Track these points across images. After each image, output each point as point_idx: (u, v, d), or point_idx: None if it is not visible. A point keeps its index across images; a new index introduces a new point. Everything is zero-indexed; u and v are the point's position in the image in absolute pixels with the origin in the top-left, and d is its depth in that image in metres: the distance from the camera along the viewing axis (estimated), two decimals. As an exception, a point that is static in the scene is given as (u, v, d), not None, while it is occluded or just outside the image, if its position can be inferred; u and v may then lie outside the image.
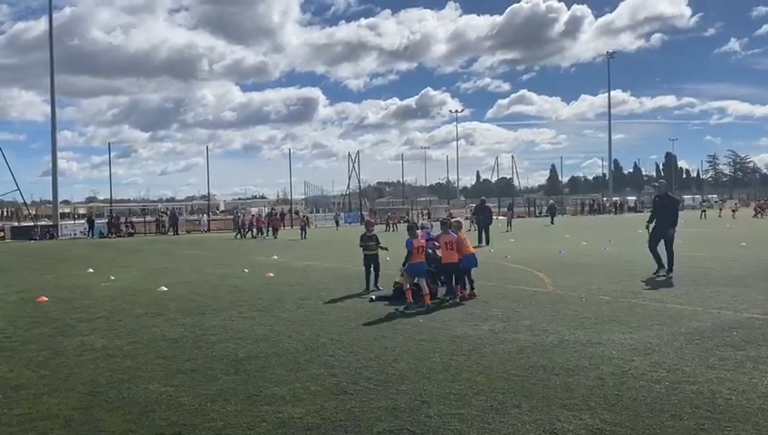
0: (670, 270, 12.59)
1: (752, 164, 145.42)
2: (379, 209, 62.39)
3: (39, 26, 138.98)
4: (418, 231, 11.02)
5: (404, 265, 10.80)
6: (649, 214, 13.94)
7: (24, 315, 10.10)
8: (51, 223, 49.68)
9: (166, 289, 12.58)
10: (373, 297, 10.72)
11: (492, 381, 5.68)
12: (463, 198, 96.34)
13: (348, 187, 74.81)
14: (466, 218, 40.99)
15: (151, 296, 11.86)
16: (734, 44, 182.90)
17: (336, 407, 5.09)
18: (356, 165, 70.39)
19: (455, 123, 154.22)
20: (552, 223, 42.40)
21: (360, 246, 12.14)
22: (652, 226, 13.32)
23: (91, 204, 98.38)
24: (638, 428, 4.47)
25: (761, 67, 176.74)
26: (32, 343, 7.98)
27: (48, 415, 5.12)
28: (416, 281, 10.00)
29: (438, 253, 10.88)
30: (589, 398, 5.13)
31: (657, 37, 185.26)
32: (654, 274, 12.65)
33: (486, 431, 4.50)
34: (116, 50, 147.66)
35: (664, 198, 13.48)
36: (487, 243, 23.30)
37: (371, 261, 11.98)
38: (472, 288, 10.67)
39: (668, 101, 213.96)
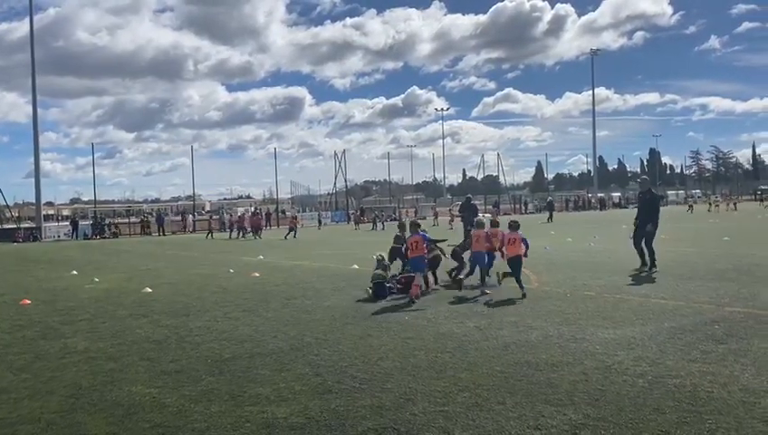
0: (652, 266, 12.68)
1: (734, 159, 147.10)
2: (366, 208, 62.25)
3: (22, 27, 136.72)
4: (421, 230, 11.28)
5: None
6: (636, 210, 14.06)
7: (6, 318, 9.98)
8: (34, 225, 49.15)
9: (150, 290, 12.49)
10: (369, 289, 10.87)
11: (476, 377, 5.70)
12: (449, 196, 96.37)
13: (334, 186, 74.75)
14: (452, 216, 41.09)
15: (136, 298, 11.77)
16: (714, 42, 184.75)
17: (321, 406, 5.08)
18: (342, 164, 70.39)
19: (441, 122, 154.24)
20: (550, 220, 41.52)
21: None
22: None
23: (75, 205, 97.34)
24: (621, 422, 4.50)
25: (741, 64, 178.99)
26: (13, 346, 7.89)
27: (29, 419, 5.06)
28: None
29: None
30: (572, 393, 5.15)
31: (639, 35, 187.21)
32: (636, 270, 12.72)
33: (471, 428, 4.51)
34: (101, 51, 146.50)
35: (647, 194, 13.66)
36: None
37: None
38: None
39: (651, 97, 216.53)
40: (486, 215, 39.35)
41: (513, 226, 10.91)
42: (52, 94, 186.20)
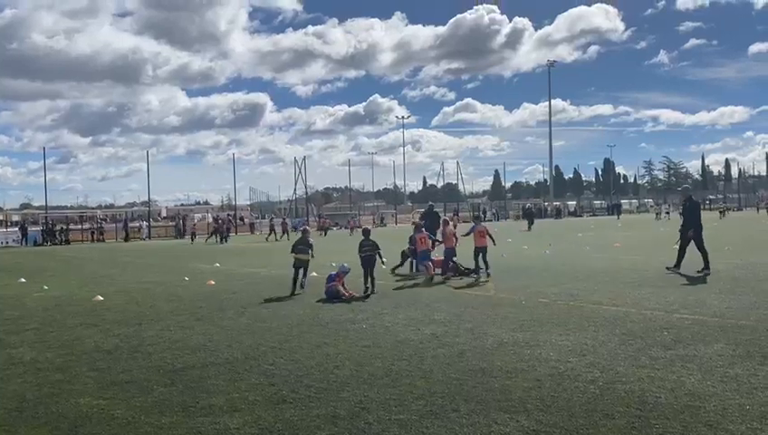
0: (705, 268, 13.21)
1: (684, 170, 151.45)
2: (327, 215, 62.00)
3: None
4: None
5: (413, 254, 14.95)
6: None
7: (-52, 329, 9.58)
8: (-20, 231, 47.47)
9: (102, 298, 12.17)
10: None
11: (431, 385, 5.72)
12: (410, 204, 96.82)
13: (294, 192, 74.28)
14: (413, 223, 41.18)
15: (86, 306, 11.45)
16: (663, 57, 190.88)
17: (274, 416, 5.02)
18: (302, 170, 70.00)
19: (401, 130, 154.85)
20: (529, 229, 41.20)
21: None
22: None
23: (25, 211, 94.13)
24: (572, 428, 4.57)
25: (689, 78, 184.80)
26: (-46, 357, 7.57)
27: (-31, 434, 4.87)
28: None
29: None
30: (525, 400, 5.21)
31: (593, 49, 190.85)
32: (698, 272, 13.08)
33: (425, 436, 4.52)
34: (57, 54, 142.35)
35: (687, 202, 14.45)
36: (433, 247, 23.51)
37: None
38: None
39: (605, 109, 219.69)
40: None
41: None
42: (4, 97, 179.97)
